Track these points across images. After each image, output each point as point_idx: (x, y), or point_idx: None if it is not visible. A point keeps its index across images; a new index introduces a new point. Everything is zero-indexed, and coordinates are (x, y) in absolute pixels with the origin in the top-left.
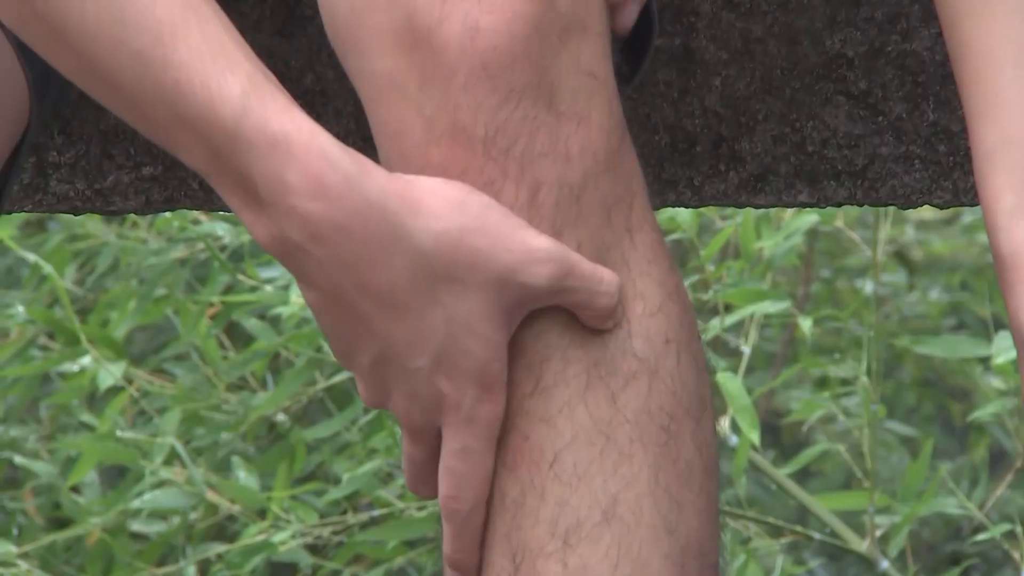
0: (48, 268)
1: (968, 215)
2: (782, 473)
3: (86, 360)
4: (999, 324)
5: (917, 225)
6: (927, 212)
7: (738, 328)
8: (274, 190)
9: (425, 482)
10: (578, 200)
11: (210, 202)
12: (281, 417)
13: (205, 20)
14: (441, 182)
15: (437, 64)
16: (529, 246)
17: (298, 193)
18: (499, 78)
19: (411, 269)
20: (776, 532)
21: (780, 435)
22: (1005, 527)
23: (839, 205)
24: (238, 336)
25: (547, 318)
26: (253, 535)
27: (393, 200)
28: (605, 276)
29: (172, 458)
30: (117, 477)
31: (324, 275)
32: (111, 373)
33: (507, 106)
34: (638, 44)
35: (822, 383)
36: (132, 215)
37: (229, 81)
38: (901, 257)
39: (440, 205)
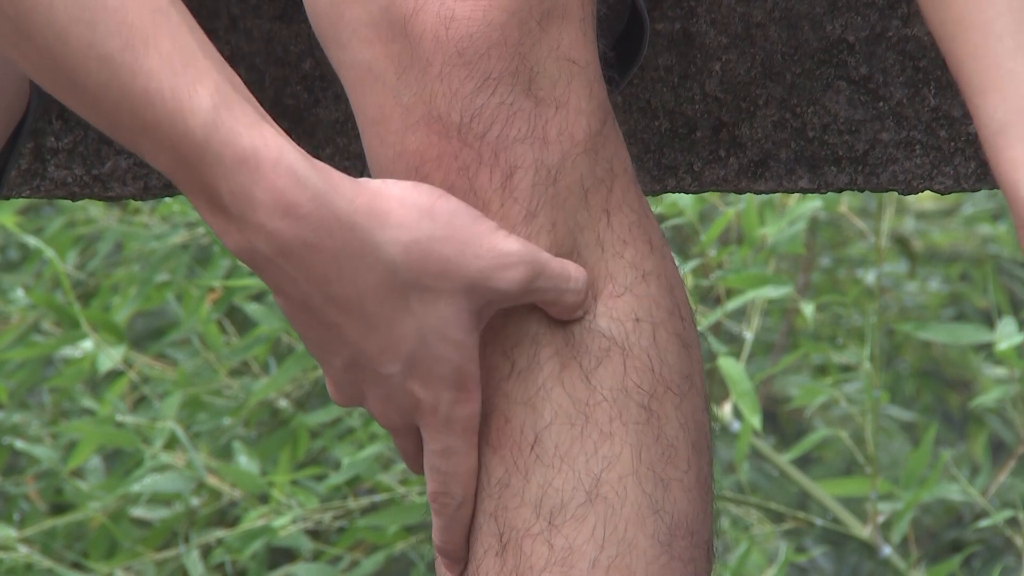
0: (50, 252)
1: (968, 206)
2: (784, 459)
3: (87, 344)
4: (999, 315)
5: (917, 216)
6: (927, 203)
7: (740, 315)
8: (242, 205)
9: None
10: (555, 182)
11: None
12: (283, 402)
13: (175, 26)
14: (411, 187)
15: (413, 54)
16: (500, 251)
17: (266, 210)
18: (475, 65)
19: (380, 281)
20: (778, 518)
21: (779, 422)
22: (1007, 514)
23: (840, 191)
24: (239, 321)
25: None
26: (254, 520)
27: (362, 215)
28: (572, 273)
29: (173, 443)
30: (121, 463)
31: (293, 286)
32: (110, 356)
33: (483, 93)
34: (632, 44)
35: (821, 370)
36: (133, 200)
37: (199, 92)
38: (902, 245)
39: (409, 214)
